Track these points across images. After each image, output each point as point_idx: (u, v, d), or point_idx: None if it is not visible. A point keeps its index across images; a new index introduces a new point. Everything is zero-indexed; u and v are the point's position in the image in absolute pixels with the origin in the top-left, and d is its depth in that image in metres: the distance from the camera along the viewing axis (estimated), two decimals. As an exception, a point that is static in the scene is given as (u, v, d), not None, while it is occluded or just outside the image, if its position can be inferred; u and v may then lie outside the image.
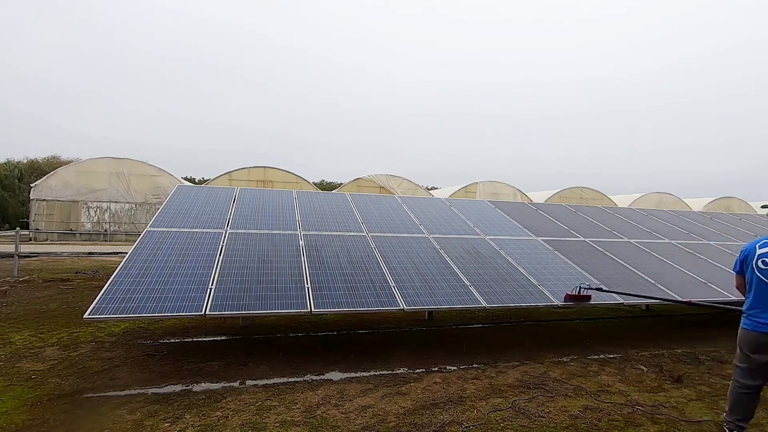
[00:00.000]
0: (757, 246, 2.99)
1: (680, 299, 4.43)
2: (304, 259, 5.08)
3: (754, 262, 2.94)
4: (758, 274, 2.89)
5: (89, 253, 13.31)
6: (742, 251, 3.09)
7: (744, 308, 2.98)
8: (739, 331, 2.98)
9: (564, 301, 4.88)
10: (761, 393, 2.96)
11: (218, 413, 3.23)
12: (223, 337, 5.26)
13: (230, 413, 3.23)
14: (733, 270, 3.20)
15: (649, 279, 5.84)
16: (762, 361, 2.82)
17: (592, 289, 4.96)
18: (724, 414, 3.08)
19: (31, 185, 19.59)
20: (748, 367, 2.89)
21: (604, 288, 5.03)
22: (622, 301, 5.06)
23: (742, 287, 3.14)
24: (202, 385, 3.79)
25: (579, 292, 4.89)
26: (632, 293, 4.89)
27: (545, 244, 6.61)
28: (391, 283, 4.82)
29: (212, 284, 4.33)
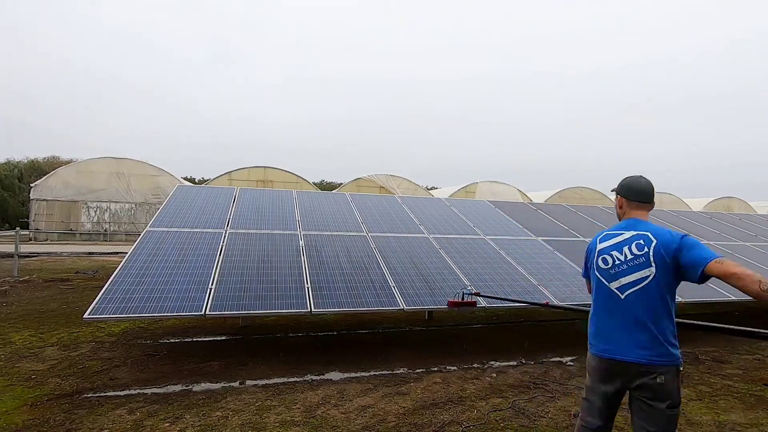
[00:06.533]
0: (597, 240, 2.13)
1: (540, 303, 4.01)
2: (304, 259, 5.08)
3: (594, 260, 2.09)
4: (598, 275, 2.06)
5: (89, 253, 13.33)
6: (586, 250, 2.25)
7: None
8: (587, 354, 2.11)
9: (448, 308, 4.62)
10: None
11: (218, 413, 3.23)
12: (223, 337, 5.27)
13: (230, 413, 3.23)
14: (583, 275, 2.37)
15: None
16: (607, 393, 1.97)
17: (472, 294, 4.66)
18: None
19: (31, 185, 19.60)
20: (593, 402, 2.02)
21: (482, 293, 4.73)
22: (484, 304, 4.70)
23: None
24: (202, 385, 3.79)
25: (462, 299, 4.62)
26: (503, 297, 4.66)
27: (545, 244, 6.61)
28: (391, 283, 4.81)
29: (212, 284, 4.33)
